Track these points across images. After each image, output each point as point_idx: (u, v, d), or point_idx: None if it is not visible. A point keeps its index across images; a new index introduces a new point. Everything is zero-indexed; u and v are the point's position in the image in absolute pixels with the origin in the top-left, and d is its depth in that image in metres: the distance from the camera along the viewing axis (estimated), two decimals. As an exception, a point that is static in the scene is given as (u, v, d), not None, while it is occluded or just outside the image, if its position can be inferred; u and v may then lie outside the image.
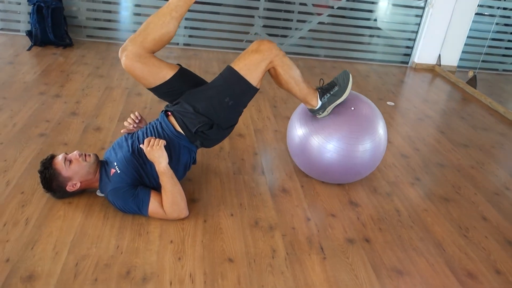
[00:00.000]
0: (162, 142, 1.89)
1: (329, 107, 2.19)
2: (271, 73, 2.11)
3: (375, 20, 4.79)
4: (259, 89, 2.06)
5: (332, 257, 1.89)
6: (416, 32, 4.79)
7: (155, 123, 2.09)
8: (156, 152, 1.88)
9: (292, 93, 2.17)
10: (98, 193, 2.05)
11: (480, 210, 2.37)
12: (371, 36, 4.85)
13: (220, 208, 2.11)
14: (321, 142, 2.19)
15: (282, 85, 2.14)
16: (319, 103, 2.18)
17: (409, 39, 4.85)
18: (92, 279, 1.63)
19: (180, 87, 2.06)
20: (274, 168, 2.50)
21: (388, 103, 3.72)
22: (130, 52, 1.94)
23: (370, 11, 4.72)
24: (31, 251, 1.71)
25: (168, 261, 1.75)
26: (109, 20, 4.55)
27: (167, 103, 2.16)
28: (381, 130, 2.26)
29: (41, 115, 2.77)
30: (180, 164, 2.05)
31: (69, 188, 1.95)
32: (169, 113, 2.07)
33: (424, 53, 4.79)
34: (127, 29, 4.55)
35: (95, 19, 4.49)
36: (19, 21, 4.33)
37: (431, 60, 4.84)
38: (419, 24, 4.75)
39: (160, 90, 2.07)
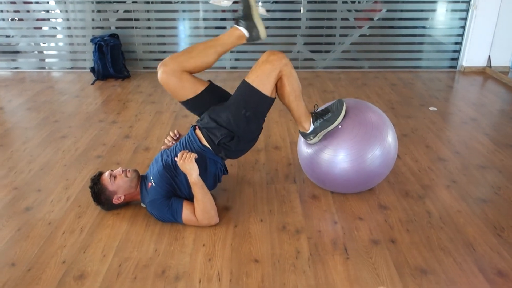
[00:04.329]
0: (193, 156, 2.09)
1: (321, 132, 2.25)
2: (276, 84, 2.18)
3: (424, 27, 4.75)
4: (274, 98, 2.18)
5: (355, 257, 1.96)
6: (462, 35, 4.69)
7: (185, 138, 2.31)
8: (188, 165, 2.08)
9: (290, 108, 2.24)
10: (143, 205, 2.30)
11: (519, 209, 2.30)
12: (413, 43, 4.81)
13: (251, 214, 2.26)
14: (331, 155, 2.24)
15: (284, 97, 2.21)
16: (311, 127, 2.26)
17: (456, 43, 4.75)
18: (132, 277, 1.84)
19: (209, 101, 2.24)
20: (306, 177, 2.61)
21: (430, 108, 3.69)
22: (169, 67, 2.14)
23: (413, 19, 4.71)
24: (83, 254, 1.98)
25: (199, 262, 1.93)
26: (164, 52, 4.97)
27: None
28: (389, 137, 2.26)
29: (99, 139, 3.13)
30: (209, 175, 2.23)
31: (115, 201, 2.21)
32: (197, 127, 2.27)
33: (472, 55, 4.67)
34: (179, 58, 4.91)
35: (151, 52, 4.93)
36: (85, 60, 4.87)
37: (480, 62, 4.69)
38: (464, 27, 4.65)
39: (190, 104, 2.25)
